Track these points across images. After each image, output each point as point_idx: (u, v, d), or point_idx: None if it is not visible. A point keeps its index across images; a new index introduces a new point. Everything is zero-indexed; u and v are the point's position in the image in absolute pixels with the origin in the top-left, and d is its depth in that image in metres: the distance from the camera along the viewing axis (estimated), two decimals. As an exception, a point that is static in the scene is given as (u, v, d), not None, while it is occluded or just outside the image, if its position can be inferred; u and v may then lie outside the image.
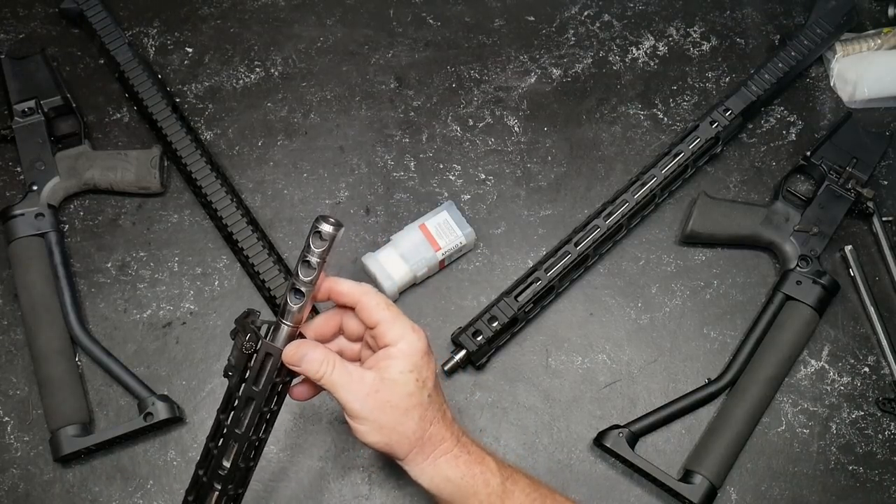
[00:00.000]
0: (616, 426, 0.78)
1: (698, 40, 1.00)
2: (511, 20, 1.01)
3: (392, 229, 0.87)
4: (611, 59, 0.99)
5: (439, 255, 0.83)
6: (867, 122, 0.95)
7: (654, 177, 0.86)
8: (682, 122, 0.95)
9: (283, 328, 0.60)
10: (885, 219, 0.88)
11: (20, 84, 0.90)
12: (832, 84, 0.97)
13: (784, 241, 0.86)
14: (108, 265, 0.86)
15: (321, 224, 0.56)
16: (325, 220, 0.56)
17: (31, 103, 0.88)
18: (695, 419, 0.81)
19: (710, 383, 0.81)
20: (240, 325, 0.61)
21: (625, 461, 0.77)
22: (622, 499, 0.78)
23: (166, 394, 0.79)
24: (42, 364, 0.78)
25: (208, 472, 0.63)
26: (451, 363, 0.80)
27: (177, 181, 0.90)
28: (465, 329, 0.80)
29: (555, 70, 0.98)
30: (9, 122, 0.89)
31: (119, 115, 0.93)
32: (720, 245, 0.89)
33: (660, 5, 1.02)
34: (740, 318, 0.85)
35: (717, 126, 0.89)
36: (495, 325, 0.79)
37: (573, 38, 1.00)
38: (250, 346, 0.60)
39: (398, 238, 0.84)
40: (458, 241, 0.84)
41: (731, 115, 0.90)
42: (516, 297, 0.81)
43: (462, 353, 0.80)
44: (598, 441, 0.78)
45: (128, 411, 0.79)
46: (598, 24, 1.01)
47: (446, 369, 0.80)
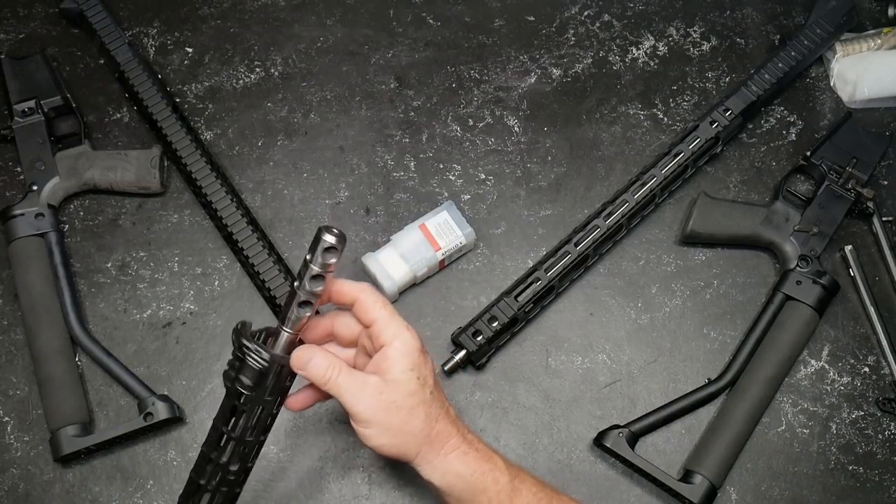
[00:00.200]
0: (616, 426, 0.78)
1: (698, 40, 1.00)
2: (511, 20, 1.01)
3: (392, 229, 0.87)
4: (611, 59, 0.99)
5: (439, 255, 0.83)
6: (867, 122, 0.95)
7: (654, 177, 0.86)
8: (682, 122, 0.95)
9: (284, 335, 0.60)
10: (885, 219, 0.88)
11: (20, 84, 0.90)
12: (832, 84, 0.97)
13: (784, 241, 0.86)
14: (108, 265, 0.86)
15: (329, 236, 0.55)
16: (330, 231, 0.56)
17: (31, 103, 0.88)
18: (695, 419, 0.81)
19: (710, 383, 0.81)
20: (242, 338, 0.60)
21: (625, 461, 0.77)
22: (622, 499, 0.78)
23: (166, 394, 0.79)
24: (42, 364, 0.78)
25: (213, 479, 0.63)
26: (451, 363, 0.79)
27: (177, 181, 0.90)
28: (465, 329, 0.80)
29: (555, 70, 0.98)
30: (9, 122, 0.89)
31: (119, 115, 0.93)
32: (720, 245, 0.89)
33: (660, 5, 1.02)
34: (740, 318, 0.85)
35: (717, 126, 0.89)
36: (495, 325, 0.79)
37: (573, 38, 1.00)
38: (262, 363, 0.59)
39: (398, 238, 0.84)
40: (458, 241, 0.84)
41: (731, 115, 0.90)
42: (516, 297, 0.81)
43: (462, 353, 0.79)
44: (598, 441, 0.78)
45: (128, 411, 0.79)
46: (598, 24, 1.01)
47: (446, 369, 0.80)
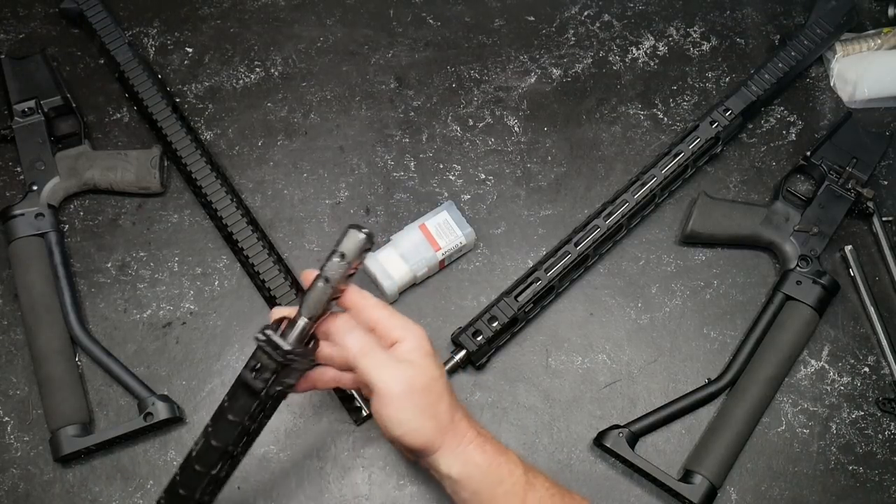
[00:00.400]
0: (616, 426, 0.78)
1: (698, 40, 1.00)
2: (511, 20, 1.01)
3: (392, 229, 0.87)
4: (611, 59, 0.99)
5: (439, 255, 0.83)
6: (867, 122, 0.95)
7: (654, 177, 0.86)
8: (682, 122, 0.95)
9: (300, 323, 0.60)
10: (885, 219, 0.88)
11: (20, 84, 0.90)
12: (832, 84, 0.97)
13: (784, 241, 0.86)
14: (108, 265, 0.86)
15: (363, 237, 0.59)
16: (361, 230, 0.59)
17: (31, 103, 0.88)
18: (695, 419, 0.81)
19: (710, 383, 0.81)
20: (286, 347, 0.59)
21: (625, 461, 0.77)
22: (622, 499, 0.78)
23: (166, 394, 0.79)
24: (42, 364, 0.78)
25: (223, 470, 0.62)
26: (451, 363, 0.79)
27: (177, 181, 0.90)
28: (465, 329, 0.80)
29: (555, 70, 0.98)
30: (9, 122, 0.89)
31: (119, 115, 0.93)
32: (720, 245, 0.89)
33: (660, 5, 1.02)
34: (740, 318, 0.85)
35: (717, 126, 0.89)
36: (495, 325, 0.79)
37: (573, 38, 1.00)
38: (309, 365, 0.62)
39: (398, 238, 0.84)
40: (458, 241, 0.84)
41: (731, 115, 0.90)
42: (516, 297, 0.81)
43: (462, 353, 0.79)
44: (598, 441, 0.78)
45: (128, 411, 0.79)
46: (598, 24, 1.01)
47: (446, 369, 0.80)
